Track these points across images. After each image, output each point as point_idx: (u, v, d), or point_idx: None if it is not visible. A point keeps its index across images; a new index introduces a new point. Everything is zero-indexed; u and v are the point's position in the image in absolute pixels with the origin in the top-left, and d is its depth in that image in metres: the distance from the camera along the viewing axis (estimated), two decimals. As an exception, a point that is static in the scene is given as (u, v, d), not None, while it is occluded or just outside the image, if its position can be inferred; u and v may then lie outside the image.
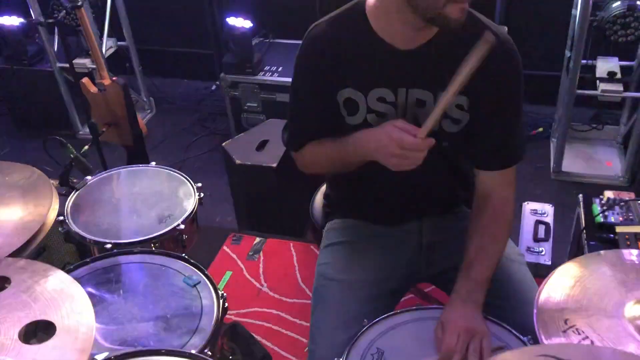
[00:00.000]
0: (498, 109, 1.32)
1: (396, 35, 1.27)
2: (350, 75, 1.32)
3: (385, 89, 1.31)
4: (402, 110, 1.33)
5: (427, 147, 1.20)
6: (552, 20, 3.22)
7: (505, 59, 1.29)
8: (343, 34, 1.31)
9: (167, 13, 3.99)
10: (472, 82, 1.26)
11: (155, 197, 1.86)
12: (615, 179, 2.98)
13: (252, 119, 3.30)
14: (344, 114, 1.36)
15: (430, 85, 1.30)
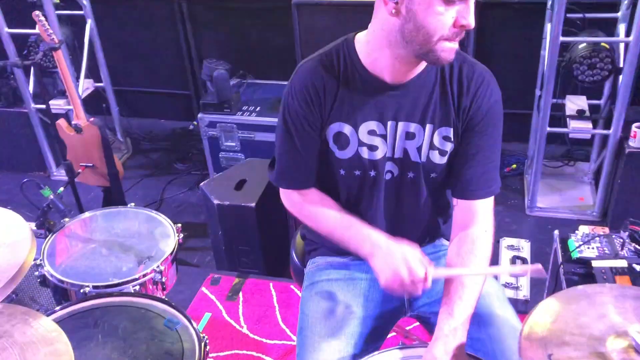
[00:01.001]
0: (480, 140, 1.36)
1: (386, 70, 1.31)
2: (340, 109, 1.35)
3: (375, 122, 1.35)
4: (392, 143, 1.36)
5: (426, 288, 1.25)
6: (523, 61, 3.33)
7: (488, 92, 1.35)
8: (333, 69, 1.34)
9: (144, 54, 4.02)
10: (457, 113, 1.33)
11: (134, 238, 1.85)
12: (589, 214, 3.04)
13: (231, 158, 3.30)
14: (333, 149, 1.38)
15: (419, 119, 1.34)
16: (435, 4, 1.15)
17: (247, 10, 3.66)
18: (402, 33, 1.21)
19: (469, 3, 1.17)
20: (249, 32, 3.73)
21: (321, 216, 1.44)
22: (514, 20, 3.35)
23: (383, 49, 1.28)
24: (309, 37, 2.72)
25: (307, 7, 2.69)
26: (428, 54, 1.22)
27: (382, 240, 1.31)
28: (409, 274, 1.23)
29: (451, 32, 1.18)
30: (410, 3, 1.17)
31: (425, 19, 1.16)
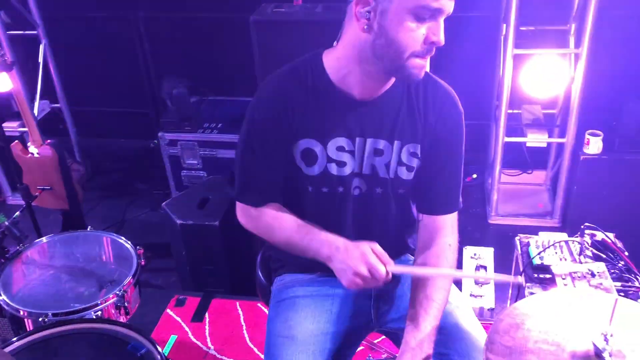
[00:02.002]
0: (445, 156, 1.40)
1: (355, 86, 1.31)
2: (309, 125, 1.34)
3: (344, 138, 1.35)
4: (360, 159, 1.37)
5: (386, 281, 1.25)
6: (480, 73, 3.40)
7: (453, 110, 1.39)
8: (301, 85, 1.33)
9: (102, 73, 3.95)
10: (424, 130, 1.35)
11: (94, 262, 1.81)
12: (548, 220, 3.12)
13: (193, 176, 3.27)
14: (300, 165, 1.38)
15: (387, 135, 1.35)
16: (407, 20, 1.17)
17: (205, 27, 3.65)
18: (374, 49, 1.22)
19: (439, 20, 1.19)
20: (208, 49, 3.71)
21: (278, 227, 1.41)
22: (469, 33, 3.43)
23: (353, 66, 1.29)
24: (268, 54, 2.73)
25: (265, 24, 2.69)
26: (399, 70, 1.23)
27: (340, 242, 1.30)
28: (369, 268, 1.22)
29: (422, 49, 1.20)
30: (382, 19, 1.18)
31: (397, 34, 1.18)
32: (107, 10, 3.73)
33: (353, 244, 1.27)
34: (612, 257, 1.92)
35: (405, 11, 1.16)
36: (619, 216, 2.83)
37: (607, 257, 1.92)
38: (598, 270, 1.82)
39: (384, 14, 1.18)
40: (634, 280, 1.82)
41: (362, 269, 1.23)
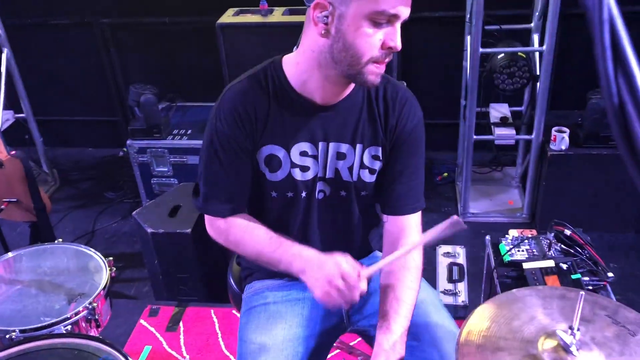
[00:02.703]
0: (406, 158, 1.41)
1: (316, 91, 1.32)
2: (271, 131, 1.34)
3: (307, 143, 1.35)
4: (323, 163, 1.38)
5: (362, 291, 1.24)
6: (447, 73, 3.44)
7: (412, 111, 1.39)
8: (262, 91, 1.33)
9: (67, 81, 3.89)
10: (385, 132, 1.37)
11: (63, 276, 1.77)
12: (518, 217, 3.16)
13: (163, 184, 3.24)
14: (264, 171, 1.37)
15: (349, 139, 1.37)
16: (364, 26, 1.17)
17: (172, 32, 3.62)
18: (332, 53, 1.22)
19: (396, 26, 1.20)
20: (175, 55, 3.68)
21: (248, 240, 1.40)
22: (435, 34, 3.47)
23: (313, 70, 1.29)
24: (236, 59, 2.72)
25: (231, 29, 2.68)
26: (356, 75, 1.24)
27: (312, 254, 1.30)
28: (343, 280, 1.22)
29: (379, 54, 1.20)
30: (339, 24, 1.18)
31: (354, 40, 1.18)
32: (71, 17, 3.67)
33: (325, 256, 1.27)
34: (581, 251, 1.95)
35: (362, 17, 1.16)
36: (587, 210, 2.89)
37: (576, 251, 1.95)
38: (566, 266, 1.86)
39: (341, 18, 1.18)
40: (602, 274, 1.86)
41: (336, 278, 1.22)
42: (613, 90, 0.32)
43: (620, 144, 0.34)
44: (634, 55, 0.32)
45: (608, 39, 0.32)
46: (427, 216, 3.34)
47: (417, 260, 1.41)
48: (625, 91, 0.31)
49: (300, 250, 1.32)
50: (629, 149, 0.33)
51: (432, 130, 3.49)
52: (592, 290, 1.82)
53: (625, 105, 0.32)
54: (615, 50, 0.32)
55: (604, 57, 0.32)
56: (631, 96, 0.31)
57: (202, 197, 1.42)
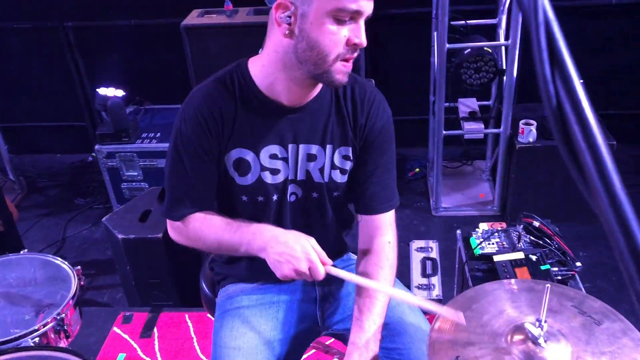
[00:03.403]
0: (377, 157, 1.40)
1: (282, 94, 1.30)
2: (239, 135, 1.32)
3: (276, 145, 1.34)
4: (294, 166, 1.37)
5: (321, 279, 1.25)
6: (415, 69, 3.46)
7: (380, 110, 1.39)
8: (228, 95, 1.31)
9: (32, 86, 3.82)
10: (355, 132, 1.37)
11: (30, 287, 1.73)
12: (490, 209, 3.20)
13: (134, 188, 3.20)
14: (233, 175, 1.36)
15: (319, 140, 1.36)
16: (327, 24, 1.16)
17: (137, 35, 3.57)
18: (297, 54, 1.21)
19: (360, 22, 1.19)
20: (141, 57, 3.63)
21: (206, 230, 1.37)
22: (402, 31, 3.48)
23: (279, 72, 1.27)
24: (202, 60, 2.70)
25: (195, 30, 2.66)
26: (323, 75, 1.22)
27: (272, 230, 1.29)
28: (309, 266, 1.22)
29: (345, 50, 1.20)
30: (302, 23, 1.17)
31: (318, 38, 1.17)
32: (34, 21, 3.60)
33: (292, 237, 1.25)
34: (549, 242, 1.98)
35: (324, 14, 1.15)
36: (557, 201, 2.94)
37: (545, 243, 1.98)
38: (536, 257, 1.88)
39: (304, 18, 1.17)
40: (571, 264, 1.89)
41: (303, 266, 1.22)
42: (551, 92, 0.32)
43: (560, 144, 0.34)
44: (570, 57, 0.32)
45: (544, 42, 0.32)
46: (401, 212, 3.37)
47: (392, 260, 1.41)
48: (563, 93, 0.32)
49: (259, 228, 1.30)
50: (568, 150, 0.33)
51: (403, 126, 3.52)
52: (561, 280, 1.85)
53: (563, 106, 0.32)
54: (552, 52, 0.32)
55: (541, 60, 0.32)
56: (569, 97, 0.32)
57: (167, 202, 1.39)
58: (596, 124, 0.32)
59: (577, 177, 0.33)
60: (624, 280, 0.33)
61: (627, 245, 0.31)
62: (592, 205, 0.34)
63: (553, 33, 0.32)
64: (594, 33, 3.36)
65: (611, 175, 0.32)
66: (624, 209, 0.32)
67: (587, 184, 0.33)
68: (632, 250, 0.31)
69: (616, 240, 0.32)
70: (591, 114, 0.32)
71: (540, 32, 0.32)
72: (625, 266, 0.32)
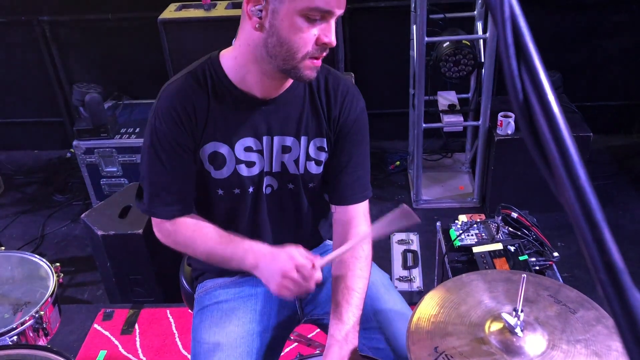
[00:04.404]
0: (351, 148, 1.41)
1: (255, 86, 1.30)
2: (213, 128, 1.32)
3: (251, 138, 1.34)
4: (269, 158, 1.37)
5: (318, 280, 1.24)
6: (395, 62, 3.47)
7: (354, 102, 1.39)
8: (201, 88, 1.30)
9: (8, 82, 3.75)
10: (329, 124, 1.37)
11: (7, 285, 1.71)
12: (469, 201, 3.23)
13: (113, 184, 3.17)
14: (209, 169, 1.35)
15: (293, 132, 1.36)
16: (298, 22, 1.16)
17: (114, 29, 3.53)
18: (267, 48, 1.21)
19: (331, 22, 1.19)
20: (119, 52, 3.59)
21: (198, 239, 1.37)
22: (382, 24, 3.49)
23: (250, 65, 1.27)
24: (180, 54, 2.67)
25: (173, 24, 2.63)
26: (291, 70, 1.23)
27: (264, 249, 1.29)
28: (298, 271, 1.22)
29: (314, 49, 1.20)
30: (273, 19, 1.17)
31: (288, 35, 1.18)
32: (7, 15, 3.54)
33: (278, 250, 1.26)
34: (527, 233, 2.01)
35: (295, 13, 1.15)
36: (535, 192, 2.97)
37: (523, 233, 2.01)
38: (514, 248, 1.91)
39: (274, 13, 1.17)
40: (548, 254, 1.92)
41: (291, 270, 1.22)
42: (518, 87, 0.33)
43: (527, 138, 0.35)
44: (536, 51, 0.33)
45: (510, 37, 0.32)
46: (381, 205, 3.39)
47: (367, 250, 1.42)
48: (529, 87, 0.32)
49: (252, 246, 1.31)
50: (535, 143, 0.33)
51: (383, 119, 3.56)
52: (539, 271, 1.87)
53: (529, 100, 0.33)
54: (518, 47, 0.32)
55: (508, 55, 0.33)
56: (535, 91, 0.32)
57: (147, 200, 1.38)
58: (562, 118, 0.33)
59: (544, 169, 0.34)
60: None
61: (592, 235, 0.32)
62: (558, 197, 0.34)
63: (519, 28, 0.33)
64: (571, 25, 3.40)
65: (577, 167, 0.32)
66: (588, 200, 0.32)
67: (553, 176, 0.33)
68: (596, 240, 0.32)
69: (581, 231, 0.32)
70: (557, 108, 0.33)
71: (506, 28, 0.32)
72: (590, 256, 0.33)
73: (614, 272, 0.32)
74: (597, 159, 3.43)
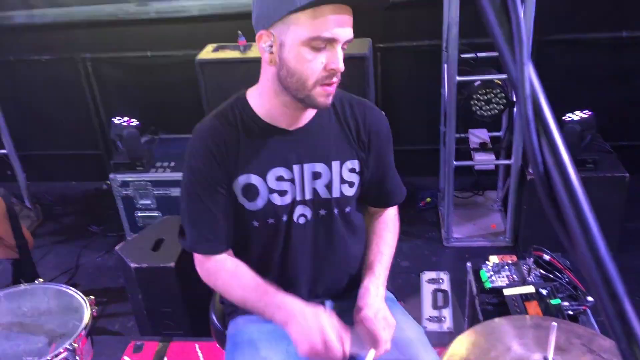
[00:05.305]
0: (385, 158, 1.52)
1: (280, 118, 1.37)
2: (245, 162, 1.37)
3: (282, 168, 1.39)
4: (300, 186, 1.41)
5: (344, 354, 1.28)
6: (426, 99, 3.49)
7: (379, 120, 1.48)
8: (230, 124, 1.37)
9: (50, 116, 3.90)
10: (360, 146, 1.45)
11: (43, 317, 1.76)
12: (501, 240, 3.19)
13: (147, 217, 3.23)
14: (242, 202, 1.39)
15: (323, 158, 1.42)
16: (303, 52, 1.23)
17: (152, 66, 3.65)
18: (280, 80, 1.29)
19: (337, 48, 1.25)
20: (156, 88, 3.71)
21: (235, 285, 1.41)
22: (413, 63, 3.53)
23: (273, 98, 1.35)
24: (215, 92, 2.75)
25: (210, 64, 2.72)
26: (305, 99, 1.29)
27: (295, 306, 1.32)
28: (324, 343, 1.24)
29: (323, 76, 1.26)
30: (281, 52, 1.25)
31: (296, 66, 1.24)
32: (54, 53, 3.69)
33: (310, 311, 1.29)
34: (560, 276, 1.97)
35: (300, 43, 1.22)
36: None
37: (555, 276, 1.97)
38: (546, 291, 1.87)
39: (282, 47, 1.24)
40: (582, 298, 1.88)
41: (317, 343, 1.24)
42: (538, 160, 0.34)
43: (547, 207, 0.36)
44: (556, 125, 0.34)
45: (531, 113, 0.34)
46: (412, 242, 3.36)
47: (397, 225, 1.62)
48: (550, 160, 0.34)
49: (283, 301, 1.33)
50: (555, 214, 0.35)
51: (414, 156, 3.56)
52: (572, 316, 1.83)
53: (550, 172, 0.34)
54: (539, 122, 0.34)
55: (529, 129, 0.34)
56: (555, 163, 0.34)
57: (188, 237, 1.43)
58: (582, 190, 0.34)
59: (565, 239, 0.35)
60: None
61: (613, 307, 0.33)
62: (579, 267, 0.35)
63: (540, 104, 0.34)
64: (606, 64, 3.38)
65: (596, 239, 0.33)
66: (609, 272, 0.33)
67: (573, 247, 0.34)
68: (618, 312, 0.33)
69: (602, 302, 0.33)
70: (577, 181, 0.34)
71: (527, 104, 0.34)
72: (612, 327, 0.33)
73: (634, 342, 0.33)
74: (634, 200, 3.35)
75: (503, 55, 0.36)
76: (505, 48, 0.36)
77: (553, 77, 3.33)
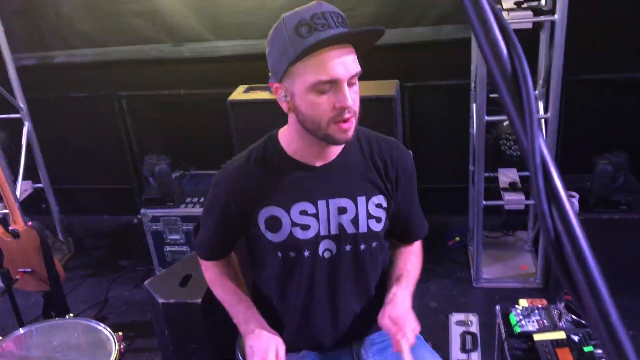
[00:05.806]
0: (411, 194, 1.57)
1: (307, 155, 1.43)
2: (270, 195, 1.44)
3: (306, 202, 1.44)
4: (325, 221, 1.45)
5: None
6: (455, 138, 3.49)
7: (405, 157, 1.53)
8: (259, 161, 1.45)
9: (84, 151, 4.01)
10: (387, 183, 1.50)
11: (73, 352, 1.79)
12: (532, 282, 3.12)
13: (176, 252, 3.27)
14: (265, 233, 1.44)
15: (349, 193, 1.45)
16: (311, 97, 1.29)
17: (185, 104, 3.74)
18: (300, 124, 1.36)
19: (342, 86, 1.29)
20: (188, 125, 3.79)
21: (218, 286, 1.61)
22: (442, 102, 3.54)
23: (298, 139, 1.42)
24: (245, 131, 2.80)
25: (240, 105, 2.78)
26: (324, 138, 1.35)
27: (257, 327, 1.46)
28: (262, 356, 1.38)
29: (334, 115, 1.31)
30: (293, 100, 1.33)
31: (307, 110, 1.31)
32: (90, 90, 3.82)
33: (265, 335, 1.43)
34: (592, 321, 1.92)
35: (306, 90, 1.29)
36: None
37: (587, 322, 1.92)
38: (578, 337, 1.83)
39: (293, 96, 1.32)
40: (614, 345, 1.82)
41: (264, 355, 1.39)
42: (549, 225, 0.35)
43: (559, 271, 0.36)
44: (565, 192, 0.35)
45: (542, 181, 0.35)
46: (440, 282, 3.32)
47: (421, 252, 1.68)
48: (560, 226, 0.34)
49: (246, 317, 1.50)
50: (566, 276, 0.35)
51: (443, 194, 3.55)
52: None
53: (560, 237, 0.35)
54: (549, 190, 0.35)
55: (539, 197, 0.35)
56: (565, 228, 0.34)
57: (196, 240, 1.64)
58: (590, 255, 0.34)
59: (576, 301, 0.35)
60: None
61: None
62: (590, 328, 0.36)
63: (550, 173, 0.35)
64: (638, 104, 3.34)
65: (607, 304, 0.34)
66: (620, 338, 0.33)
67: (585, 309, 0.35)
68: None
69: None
70: (586, 246, 0.35)
71: (538, 173, 0.35)
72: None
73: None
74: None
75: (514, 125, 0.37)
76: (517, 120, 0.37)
77: (584, 118, 3.31)
